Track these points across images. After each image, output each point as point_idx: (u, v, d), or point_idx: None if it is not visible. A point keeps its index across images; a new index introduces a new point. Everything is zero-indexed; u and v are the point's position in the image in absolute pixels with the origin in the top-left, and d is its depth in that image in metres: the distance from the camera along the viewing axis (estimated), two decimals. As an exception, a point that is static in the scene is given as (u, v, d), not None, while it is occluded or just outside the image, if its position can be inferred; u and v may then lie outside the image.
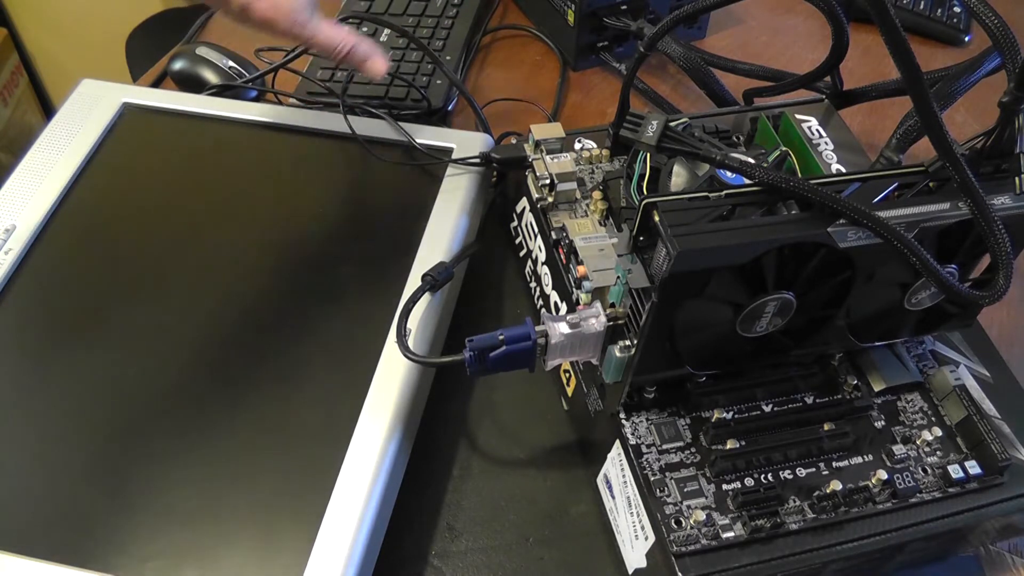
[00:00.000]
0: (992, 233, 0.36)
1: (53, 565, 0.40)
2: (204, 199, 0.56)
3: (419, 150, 0.58)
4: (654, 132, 0.42)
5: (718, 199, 0.36)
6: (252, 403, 0.46)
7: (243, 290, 0.51)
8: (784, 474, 0.41)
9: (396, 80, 0.68)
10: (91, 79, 0.62)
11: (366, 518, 0.42)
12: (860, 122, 0.70)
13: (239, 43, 0.71)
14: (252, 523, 0.42)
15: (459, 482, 0.49)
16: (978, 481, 0.42)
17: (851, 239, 0.36)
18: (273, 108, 0.62)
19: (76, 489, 0.43)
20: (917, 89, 0.34)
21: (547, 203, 0.50)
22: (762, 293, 0.38)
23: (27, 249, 0.52)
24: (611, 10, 0.70)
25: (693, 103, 0.72)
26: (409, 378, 0.47)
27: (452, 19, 0.75)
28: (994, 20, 0.36)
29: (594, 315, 0.41)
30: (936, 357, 0.47)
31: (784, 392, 0.44)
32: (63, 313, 0.50)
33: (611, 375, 0.41)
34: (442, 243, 0.53)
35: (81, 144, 0.57)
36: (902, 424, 0.44)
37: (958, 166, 0.36)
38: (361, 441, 0.44)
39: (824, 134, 0.52)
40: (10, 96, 1.35)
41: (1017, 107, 0.36)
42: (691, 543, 0.38)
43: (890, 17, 0.33)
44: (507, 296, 0.57)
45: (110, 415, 0.45)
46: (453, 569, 0.45)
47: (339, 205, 0.57)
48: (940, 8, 0.79)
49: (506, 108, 0.70)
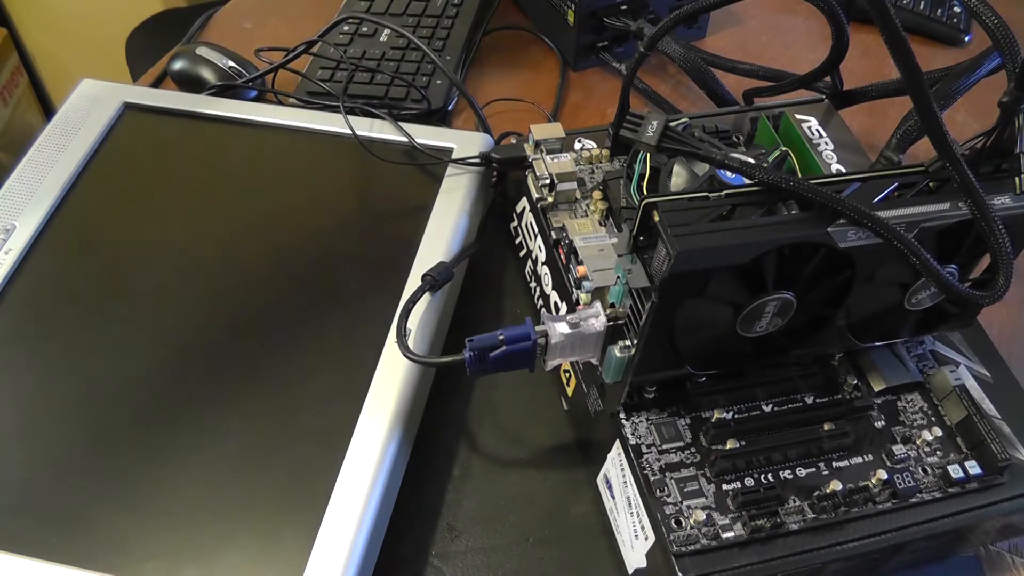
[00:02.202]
0: (992, 233, 0.36)
1: (53, 565, 0.40)
2: (204, 199, 0.56)
3: (419, 150, 0.58)
4: (654, 132, 0.42)
5: (718, 199, 0.36)
6: (252, 403, 0.46)
7: (243, 290, 0.51)
8: (784, 474, 0.41)
9: (396, 80, 0.68)
10: (91, 79, 0.62)
11: (366, 518, 0.42)
12: (860, 122, 0.70)
13: (239, 43, 0.71)
14: (252, 523, 0.42)
15: (459, 482, 0.49)
16: (978, 481, 0.42)
17: (851, 239, 0.36)
18: (273, 108, 0.62)
19: (76, 489, 0.43)
20: (917, 89, 0.34)
21: (547, 203, 0.50)
22: (762, 293, 0.38)
23: (27, 249, 0.52)
24: (611, 10, 0.70)
25: (693, 103, 0.72)
26: (409, 378, 0.47)
27: (452, 19, 0.75)
28: (994, 20, 0.36)
29: (594, 315, 0.41)
30: (936, 357, 0.47)
31: (784, 392, 0.44)
32: (63, 313, 0.50)
33: (611, 375, 0.41)
34: (442, 243, 0.53)
35: (81, 144, 0.58)
36: (902, 424, 0.44)
37: (958, 166, 0.36)
38: (361, 441, 0.44)
39: (824, 134, 0.52)
40: (10, 96, 1.35)
41: (1017, 107, 0.36)
42: (691, 543, 0.38)
43: (890, 17, 0.33)
44: (507, 296, 0.57)
45: (110, 415, 0.45)
46: (453, 569, 0.45)
47: (339, 205, 0.57)
48: (940, 8, 0.79)
49: (506, 108, 0.70)
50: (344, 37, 0.73)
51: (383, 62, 0.71)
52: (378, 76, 0.69)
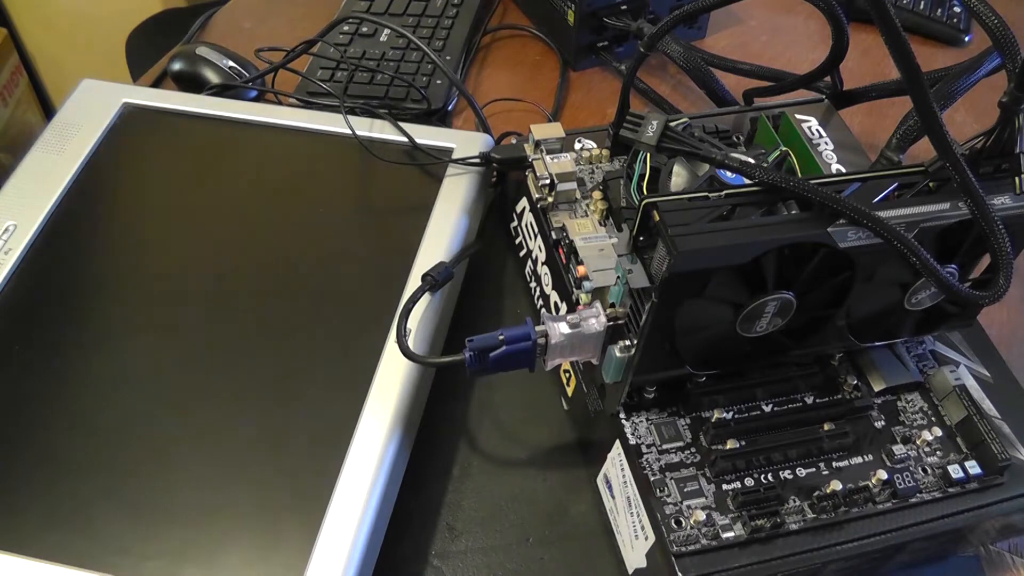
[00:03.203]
0: (992, 233, 0.36)
1: (53, 565, 0.40)
2: (204, 199, 0.56)
3: (419, 150, 0.58)
4: (654, 132, 0.42)
5: (718, 199, 0.36)
6: (253, 403, 0.46)
7: (243, 290, 0.51)
8: (784, 474, 0.41)
9: (396, 80, 0.68)
10: (91, 79, 0.62)
11: (366, 518, 0.42)
12: (860, 122, 0.70)
13: (239, 43, 0.71)
14: (253, 523, 0.42)
15: (459, 482, 0.49)
16: (978, 481, 0.42)
17: (851, 239, 0.36)
18: (273, 108, 0.62)
19: (76, 489, 0.43)
20: (917, 89, 0.34)
21: (547, 203, 0.50)
22: (762, 293, 0.38)
23: (27, 249, 0.52)
24: (611, 10, 0.70)
25: (693, 103, 0.72)
26: (409, 378, 0.47)
27: (452, 19, 0.75)
28: (994, 20, 0.36)
29: (594, 315, 0.41)
30: (936, 357, 0.47)
31: (784, 392, 0.44)
32: (63, 313, 0.50)
33: (611, 375, 0.41)
34: (442, 243, 0.53)
35: (81, 144, 0.57)
36: (902, 424, 0.44)
37: (958, 166, 0.36)
38: (361, 441, 0.44)
39: (824, 134, 0.52)
40: (10, 96, 1.35)
41: (1017, 107, 0.36)
42: (691, 543, 0.38)
43: (890, 17, 0.33)
44: (507, 296, 0.57)
45: (110, 414, 0.45)
46: (453, 569, 0.45)
47: (339, 205, 0.57)
48: (940, 8, 0.79)
49: (506, 108, 0.70)
50: (344, 37, 0.73)
51: (383, 62, 0.71)
52: (378, 76, 0.69)
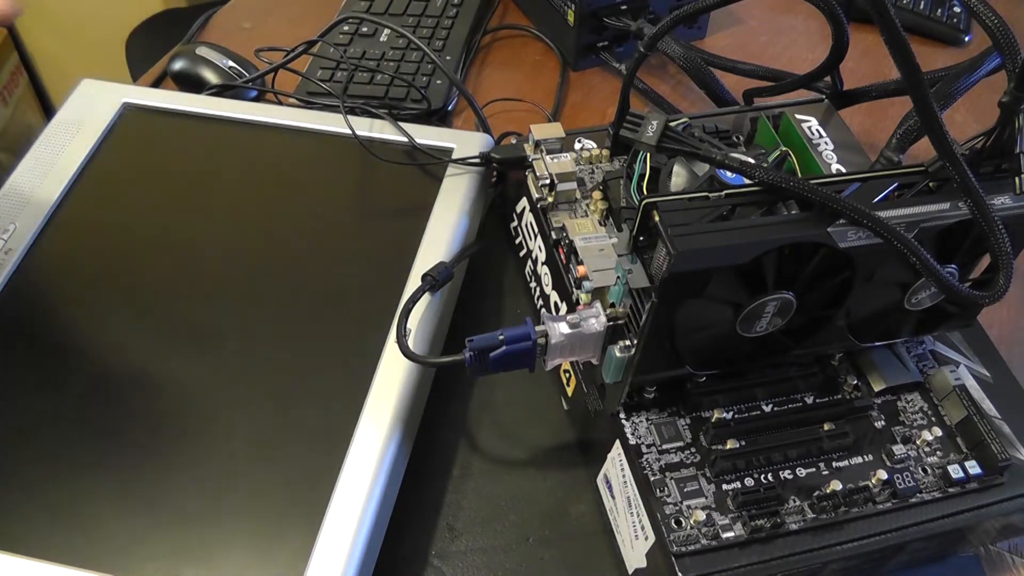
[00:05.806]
0: (992, 233, 0.36)
1: (53, 565, 0.40)
2: (204, 199, 0.56)
3: (419, 150, 0.58)
4: (654, 132, 0.42)
5: (718, 199, 0.36)
6: (253, 403, 0.46)
7: (243, 290, 0.51)
8: (784, 474, 0.41)
9: (396, 80, 0.68)
10: (91, 79, 0.62)
11: (366, 518, 0.42)
12: (860, 122, 0.70)
13: (239, 43, 0.71)
14: (253, 523, 0.42)
15: (459, 482, 0.49)
16: (978, 481, 0.42)
17: (851, 239, 0.36)
18: (273, 108, 0.62)
19: (76, 489, 0.43)
20: (917, 89, 0.34)
21: (547, 203, 0.50)
22: (762, 293, 0.38)
23: (27, 249, 0.52)
24: (611, 10, 0.70)
25: (693, 103, 0.72)
26: (409, 378, 0.47)
27: (452, 19, 0.75)
28: (994, 20, 0.36)
29: (594, 315, 0.41)
30: (936, 357, 0.47)
31: (784, 392, 0.44)
32: (63, 313, 0.50)
33: (611, 375, 0.41)
34: (442, 243, 0.53)
35: (81, 144, 0.57)
36: (902, 424, 0.44)
37: (958, 166, 0.36)
38: (361, 441, 0.44)
39: (824, 134, 0.52)
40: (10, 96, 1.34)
41: (1017, 107, 0.36)
42: (691, 543, 0.38)
43: (890, 17, 0.33)
44: (507, 296, 0.57)
45: (110, 415, 0.45)
46: (453, 569, 0.45)
47: (339, 205, 0.57)
48: (940, 8, 0.79)
49: (506, 108, 0.70)
50: (344, 37, 0.73)
51: (383, 62, 0.71)
52: (378, 76, 0.69)
